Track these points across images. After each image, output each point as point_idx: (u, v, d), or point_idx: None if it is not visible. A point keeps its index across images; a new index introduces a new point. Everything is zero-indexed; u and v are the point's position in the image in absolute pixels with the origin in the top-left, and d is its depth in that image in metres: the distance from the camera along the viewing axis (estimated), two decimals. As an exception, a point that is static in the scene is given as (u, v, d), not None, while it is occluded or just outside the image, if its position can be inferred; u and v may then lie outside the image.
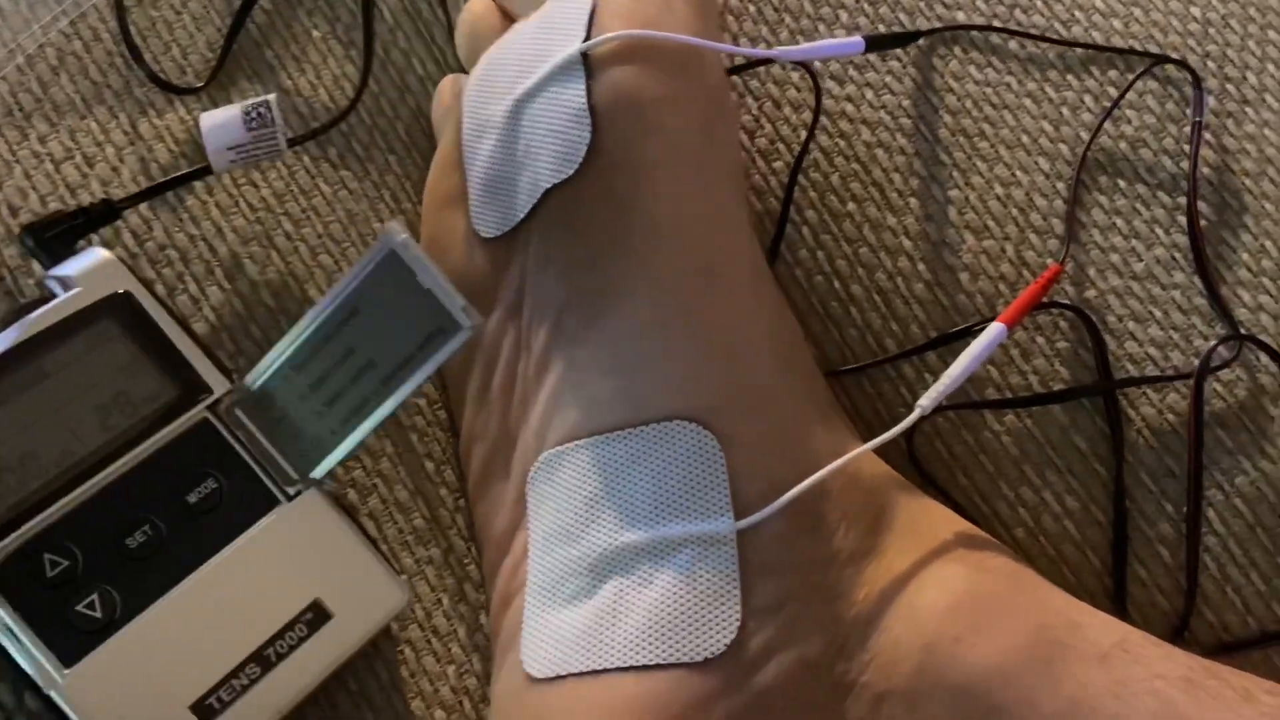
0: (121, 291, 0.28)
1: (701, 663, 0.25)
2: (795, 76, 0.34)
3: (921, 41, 0.34)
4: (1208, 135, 0.34)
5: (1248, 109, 0.34)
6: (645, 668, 0.26)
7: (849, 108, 0.34)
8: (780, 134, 0.34)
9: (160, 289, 0.30)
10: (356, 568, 0.28)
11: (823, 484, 0.26)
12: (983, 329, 0.31)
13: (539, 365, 0.29)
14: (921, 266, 0.33)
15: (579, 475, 0.28)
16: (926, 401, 0.27)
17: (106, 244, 0.30)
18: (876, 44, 0.32)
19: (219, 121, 0.30)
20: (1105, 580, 0.30)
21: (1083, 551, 0.30)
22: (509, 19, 0.33)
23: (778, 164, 0.34)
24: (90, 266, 0.28)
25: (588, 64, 0.28)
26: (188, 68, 0.33)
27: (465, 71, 0.33)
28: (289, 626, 0.27)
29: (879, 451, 0.28)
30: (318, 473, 0.28)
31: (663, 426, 0.27)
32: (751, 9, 0.35)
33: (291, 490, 0.28)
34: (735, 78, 0.34)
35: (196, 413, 0.28)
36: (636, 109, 0.27)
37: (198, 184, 0.31)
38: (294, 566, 0.27)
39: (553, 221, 0.28)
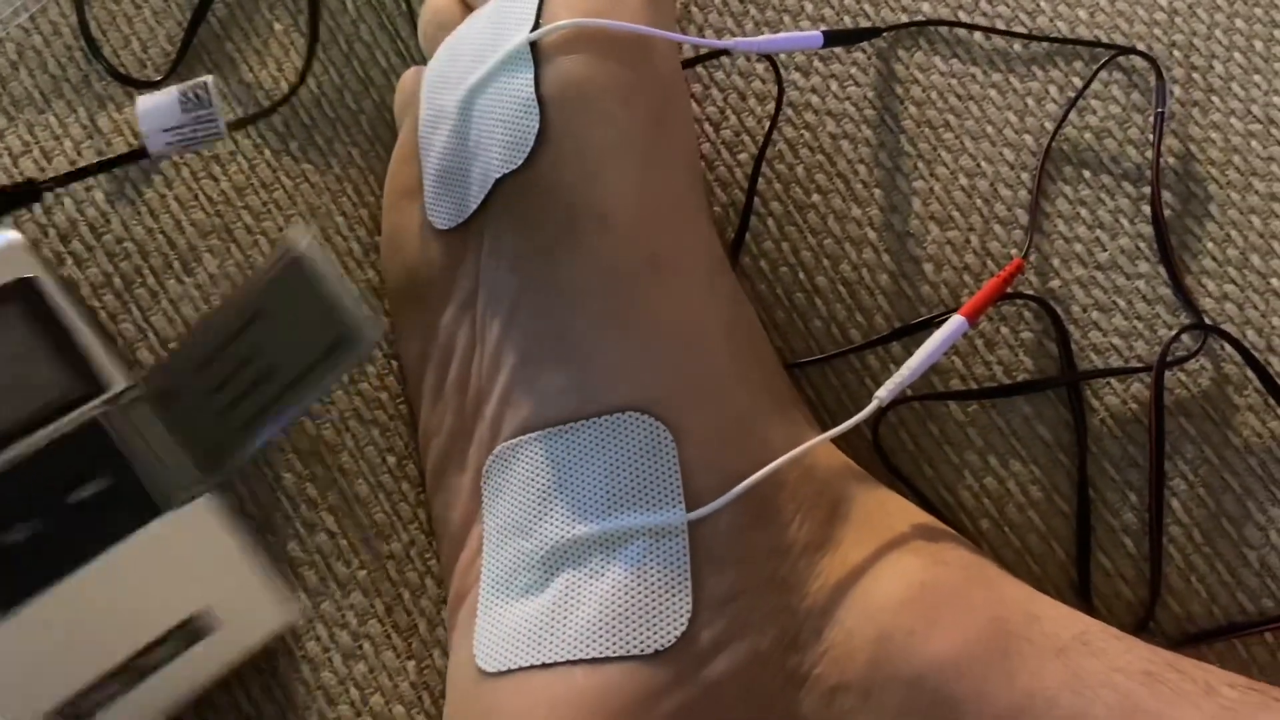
0: (26, 277, 0.27)
1: (652, 655, 0.25)
2: (760, 68, 0.34)
3: (885, 34, 0.34)
4: (1173, 125, 0.34)
5: (1213, 97, 0.34)
6: (595, 660, 0.25)
7: (813, 99, 0.34)
8: (745, 125, 0.34)
9: (118, 282, 0.30)
10: (243, 582, 0.27)
11: (778, 475, 0.26)
12: (946, 320, 0.31)
13: (493, 359, 0.28)
14: (886, 258, 0.32)
15: (532, 468, 0.27)
16: (884, 393, 0.27)
17: (63, 235, 0.30)
18: (836, 39, 0.32)
19: (155, 104, 0.29)
20: (1070, 571, 0.30)
21: (1047, 542, 0.30)
22: (469, 9, 0.33)
23: (742, 155, 0.33)
24: None
25: (536, 53, 0.28)
26: (148, 61, 0.33)
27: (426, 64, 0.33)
28: (165, 638, 0.26)
29: (843, 442, 0.28)
30: (216, 475, 0.27)
31: (614, 418, 0.27)
32: (716, 0, 0.35)
33: (184, 495, 0.27)
34: (699, 69, 0.34)
35: (89, 410, 0.27)
36: (584, 98, 0.27)
37: (156, 177, 0.31)
38: (175, 576, 0.26)
39: (504, 212, 0.28)
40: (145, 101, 0.29)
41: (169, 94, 0.29)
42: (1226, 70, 0.34)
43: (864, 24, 0.35)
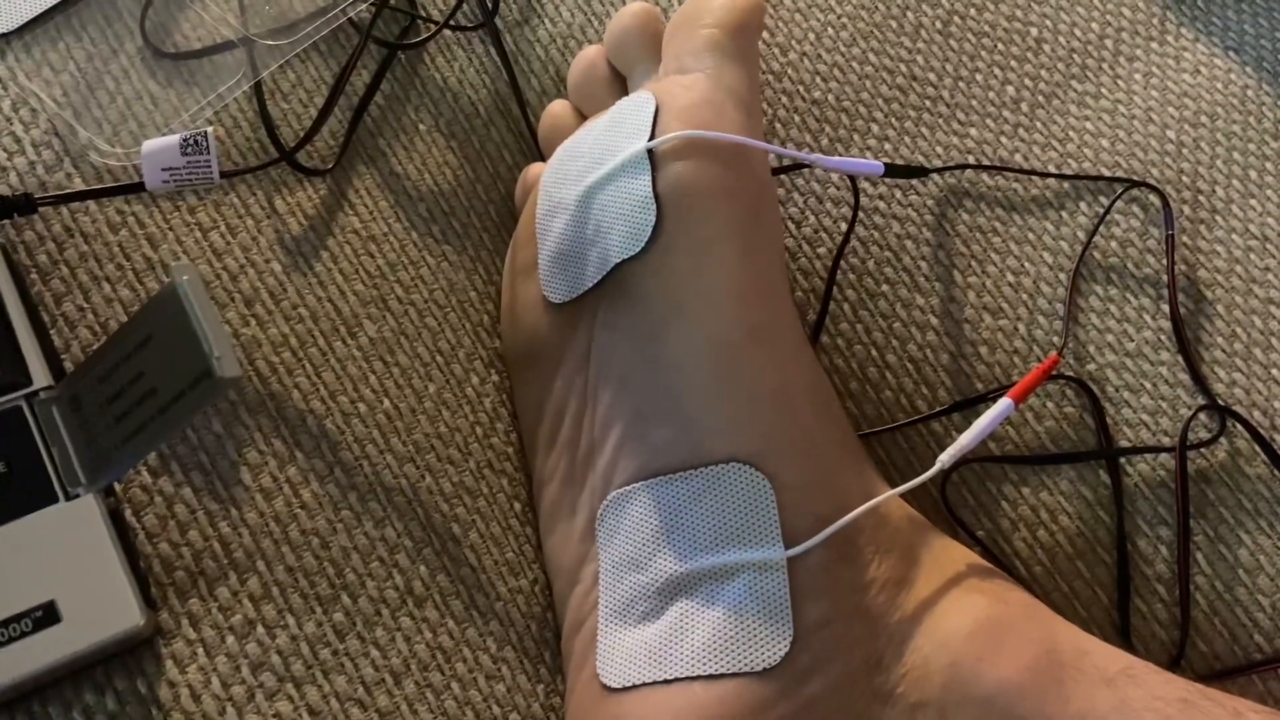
0: None
1: (760, 672, 0.28)
2: (835, 178, 0.40)
3: (939, 161, 0.40)
4: (1184, 238, 0.40)
5: (1217, 217, 0.40)
6: (711, 676, 0.29)
7: (881, 204, 0.39)
8: (823, 224, 0.39)
9: (294, 341, 0.34)
10: (102, 581, 0.28)
11: (859, 520, 0.30)
12: (998, 395, 0.36)
13: (605, 417, 0.32)
14: (946, 340, 0.38)
15: (645, 511, 0.31)
16: (946, 458, 0.31)
17: (247, 300, 0.34)
18: (894, 171, 0.37)
19: (159, 146, 0.31)
20: (1112, 614, 0.34)
21: (1092, 588, 0.35)
22: (582, 117, 0.38)
23: (821, 250, 0.39)
24: None
25: (653, 158, 0.32)
26: (314, 153, 0.37)
27: (544, 160, 0.38)
28: (16, 618, 0.27)
29: (912, 497, 0.32)
30: (98, 482, 0.29)
31: (719, 468, 0.30)
32: (796, 118, 0.41)
33: (72, 491, 0.29)
34: (784, 176, 0.40)
35: (13, 399, 0.29)
36: (694, 197, 0.31)
37: (324, 252, 0.36)
38: (43, 563, 0.28)
39: (618, 290, 0.32)
40: (151, 143, 0.32)
41: (171, 138, 0.31)
42: (1227, 194, 0.41)
43: (921, 145, 0.40)
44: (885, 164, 0.36)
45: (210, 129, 0.32)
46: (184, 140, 0.31)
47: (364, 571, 0.32)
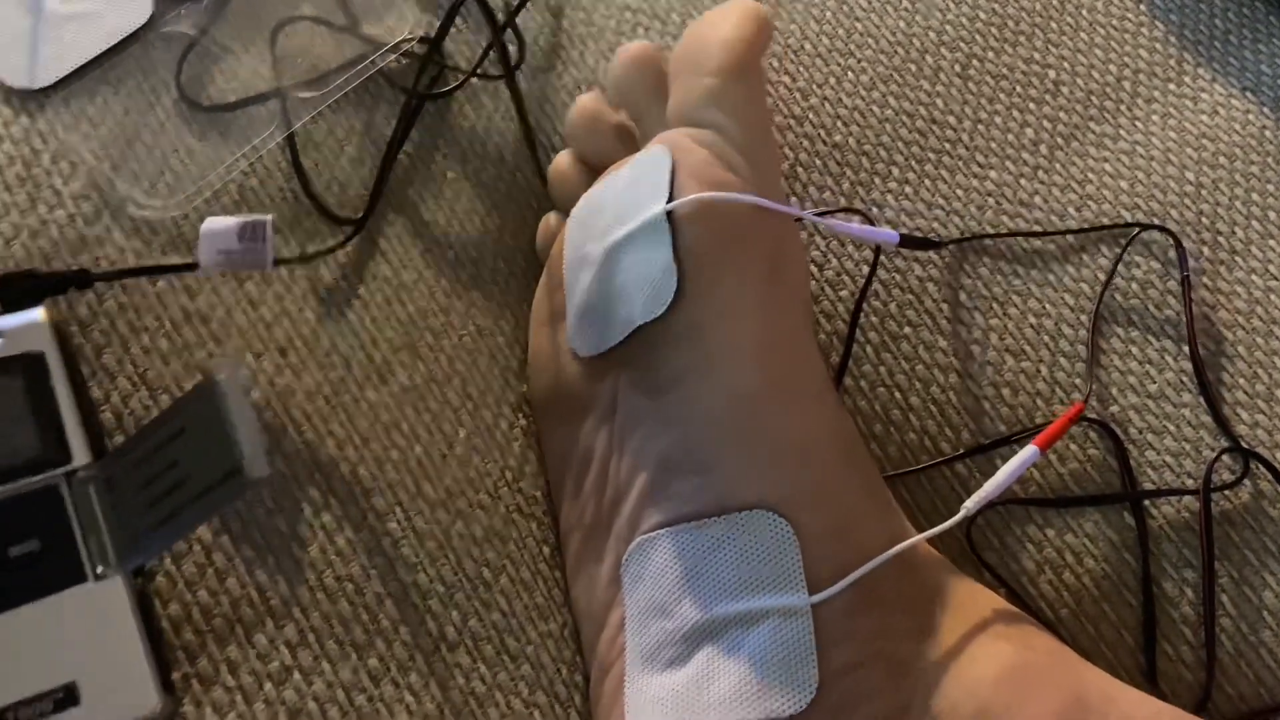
0: (36, 352, 0.31)
1: (787, 718, 0.29)
2: (856, 219, 0.40)
3: (958, 204, 0.41)
4: (1204, 279, 0.40)
5: (1236, 258, 0.41)
6: None
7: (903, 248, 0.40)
8: (845, 268, 0.40)
9: (327, 389, 0.35)
10: (122, 664, 0.29)
11: (883, 566, 0.30)
12: (1022, 438, 0.37)
13: (631, 465, 0.33)
14: (969, 383, 0.38)
15: (670, 557, 0.31)
16: (971, 504, 0.31)
17: (281, 349, 0.35)
18: (908, 242, 0.37)
19: (217, 229, 0.33)
20: (1139, 657, 0.35)
21: (1118, 631, 0.35)
22: (587, 167, 0.38)
23: (843, 292, 0.39)
24: (22, 324, 0.31)
25: (672, 220, 0.32)
26: (346, 202, 0.38)
27: (556, 209, 0.39)
28: (37, 699, 0.28)
29: (938, 540, 0.33)
30: (127, 564, 0.29)
31: (743, 515, 0.31)
32: (818, 161, 0.41)
33: (101, 571, 0.29)
34: (805, 220, 0.40)
35: (51, 476, 0.30)
36: (713, 258, 0.32)
37: (356, 300, 0.37)
38: (68, 643, 0.28)
39: (642, 348, 0.33)
40: (210, 224, 0.32)
41: (231, 222, 0.32)
42: (1246, 235, 0.41)
43: (941, 188, 0.41)
44: (901, 235, 0.36)
45: (270, 218, 0.33)
46: (243, 226, 0.32)
47: (398, 618, 0.32)
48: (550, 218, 0.39)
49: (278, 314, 0.36)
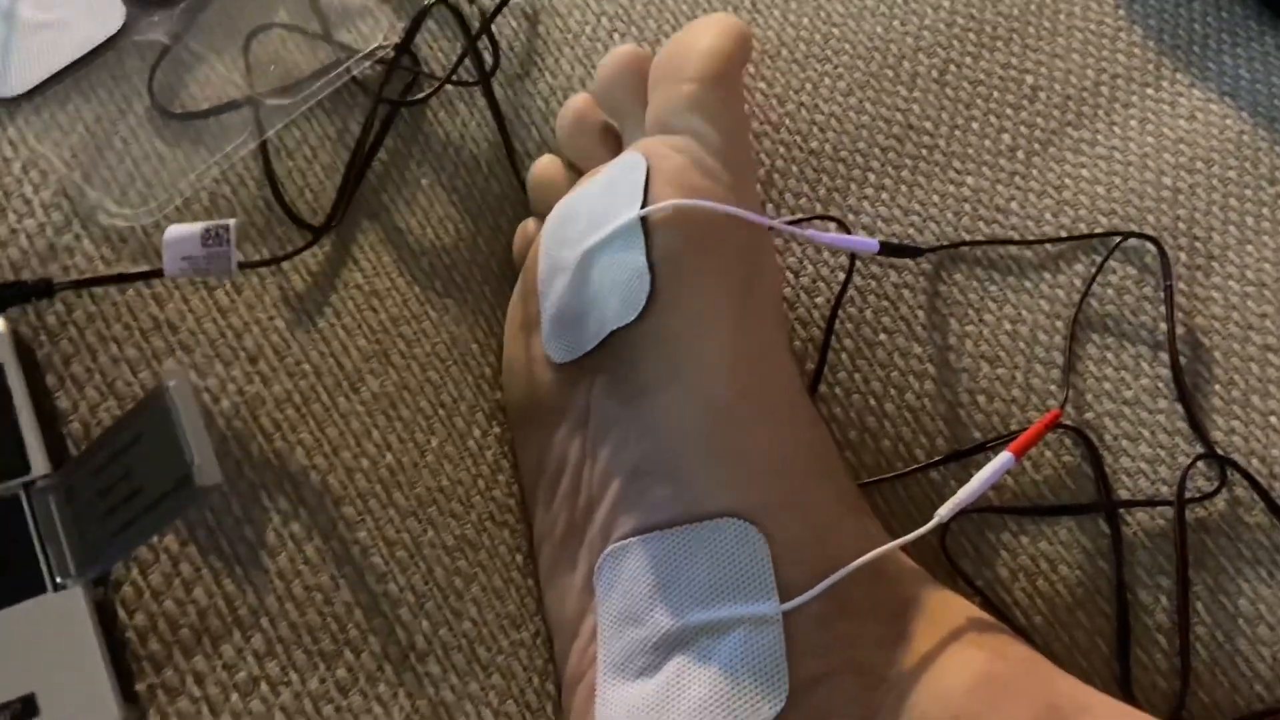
0: None
1: None
2: (833, 226, 0.40)
3: (935, 211, 0.41)
4: (1181, 285, 0.40)
5: (1214, 263, 0.40)
6: None
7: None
8: (821, 274, 0.40)
9: (297, 398, 0.35)
10: (83, 675, 0.28)
11: (855, 574, 0.30)
12: (997, 445, 0.37)
13: (604, 473, 0.33)
14: (944, 389, 0.38)
15: (642, 566, 0.31)
16: (944, 511, 0.31)
17: (251, 357, 0.35)
18: (888, 250, 0.37)
19: (180, 235, 0.32)
20: (1113, 665, 0.34)
21: (1092, 638, 0.35)
22: (571, 169, 0.39)
23: (819, 299, 0.39)
24: None
25: (645, 226, 0.32)
26: (319, 209, 0.38)
27: (535, 214, 0.39)
28: None
29: (915, 547, 0.33)
30: (86, 573, 0.29)
31: (714, 523, 0.31)
32: (794, 168, 0.41)
33: (61, 581, 0.29)
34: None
35: (10, 486, 0.30)
36: (686, 264, 0.32)
37: (328, 309, 0.36)
38: (27, 654, 0.28)
39: (615, 354, 0.33)
40: (173, 230, 0.32)
41: (194, 228, 0.32)
42: (1223, 240, 0.41)
43: (918, 194, 0.41)
44: (880, 242, 0.36)
45: (233, 222, 0.32)
46: (206, 231, 0.32)
47: (367, 627, 0.32)
48: (528, 224, 0.39)
49: (248, 322, 0.35)
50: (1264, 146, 0.43)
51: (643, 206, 0.32)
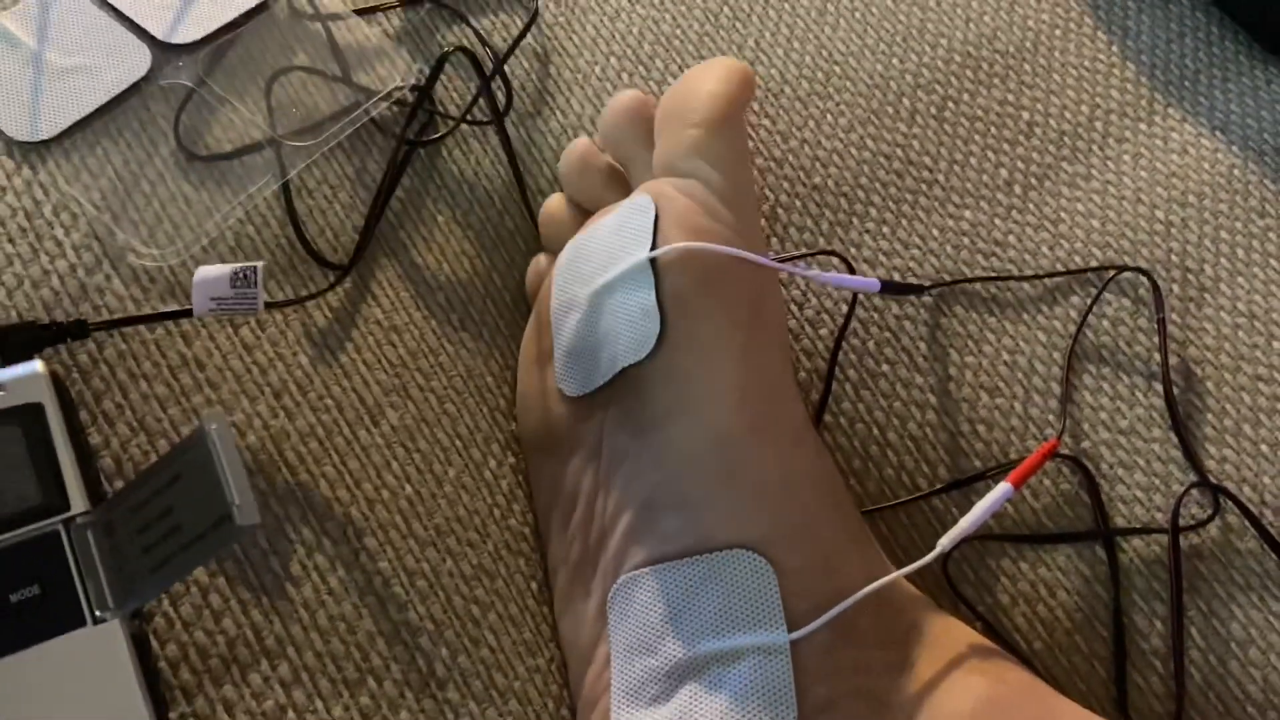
0: (35, 403, 0.31)
1: None
2: (835, 260, 0.41)
3: (934, 244, 0.42)
4: (1174, 316, 0.41)
5: (1206, 295, 0.42)
6: None
7: (881, 287, 0.41)
8: (824, 306, 0.41)
9: (320, 431, 0.36)
10: (120, 706, 0.30)
11: (860, 603, 0.31)
12: (997, 473, 0.38)
13: (616, 504, 0.34)
14: (945, 419, 0.39)
15: (654, 595, 0.33)
16: (946, 541, 0.33)
17: (276, 393, 0.36)
18: (889, 288, 0.38)
19: (210, 276, 0.34)
20: (1110, 688, 0.36)
21: (1090, 662, 0.36)
22: (577, 209, 0.40)
23: (822, 331, 0.40)
24: (21, 375, 0.32)
25: (655, 267, 0.33)
26: (339, 246, 0.39)
27: (545, 251, 0.40)
28: None
29: (919, 574, 0.34)
30: (124, 607, 0.30)
31: (724, 554, 0.32)
32: (797, 203, 0.42)
33: (100, 615, 0.30)
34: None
35: (50, 523, 0.31)
36: (694, 304, 0.33)
37: (349, 344, 0.38)
38: (67, 687, 0.29)
39: (626, 389, 0.34)
40: (203, 271, 0.34)
41: (223, 270, 0.33)
42: (1215, 272, 0.42)
43: (918, 228, 0.42)
44: (882, 281, 0.37)
45: (260, 264, 0.34)
46: (235, 273, 0.33)
47: (388, 655, 0.33)
48: (540, 259, 0.40)
49: (272, 358, 0.37)
50: (1254, 180, 0.44)
51: (652, 248, 0.33)
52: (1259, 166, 0.44)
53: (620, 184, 0.39)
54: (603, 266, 0.35)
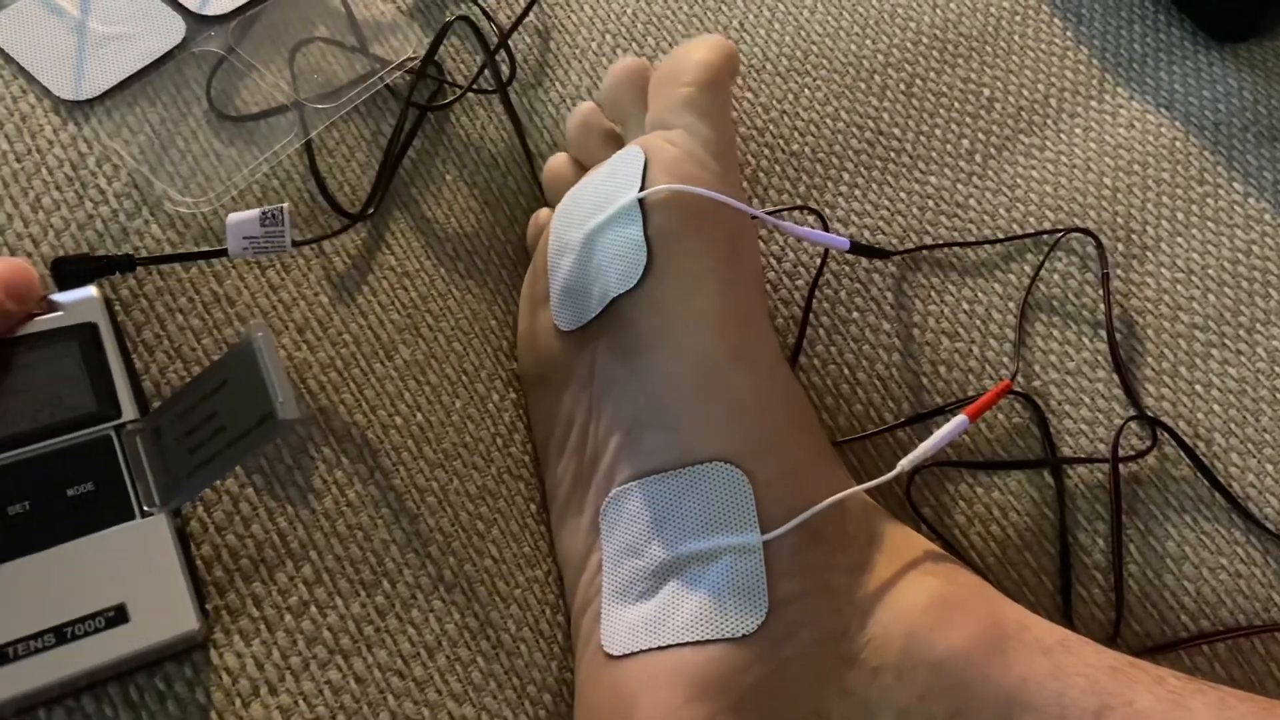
0: (90, 322, 0.35)
1: (740, 638, 0.33)
2: (811, 218, 0.45)
3: (902, 206, 0.46)
4: (1118, 271, 0.45)
5: (1147, 253, 0.45)
6: (699, 643, 0.33)
7: (852, 243, 0.45)
8: (800, 260, 0.44)
9: (340, 363, 0.39)
10: (166, 590, 0.32)
11: (826, 511, 0.34)
12: (955, 409, 0.41)
13: (607, 427, 0.37)
14: (910, 360, 0.43)
15: (641, 506, 0.35)
16: (905, 463, 0.35)
17: (299, 328, 0.39)
18: (858, 250, 0.42)
19: (242, 219, 0.36)
20: (1056, 598, 0.39)
21: (1038, 576, 0.39)
22: (580, 167, 0.43)
23: (799, 282, 0.44)
24: (78, 299, 0.35)
25: (643, 207, 0.36)
26: (355, 200, 0.43)
27: (549, 205, 0.44)
28: (91, 616, 0.31)
29: (879, 496, 0.37)
30: (170, 504, 0.33)
31: (704, 467, 0.35)
32: (777, 168, 0.46)
33: (147, 510, 0.33)
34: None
35: (104, 429, 0.34)
36: (679, 240, 0.36)
37: (365, 287, 0.41)
38: (118, 569, 0.32)
39: (617, 319, 0.37)
40: (235, 216, 0.36)
41: (253, 212, 0.36)
42: (1156, 233, 0.46)
43: (886, 191, 0.46)
44: (851, 241, 0.41)
45: (286, 205, 0.37)
46: (263, 214, 0.36)
47: (401, 561, 0.37)
48: (541, 213, 0.43)
49: (295, 298, 0.40)
50: (1194, 151, 0.48)
51: (641, 190, 0.37)
52: (1199, 139, 0.48)
53: (617, 145, 0.42)
54: (595, 209, 0.38)
